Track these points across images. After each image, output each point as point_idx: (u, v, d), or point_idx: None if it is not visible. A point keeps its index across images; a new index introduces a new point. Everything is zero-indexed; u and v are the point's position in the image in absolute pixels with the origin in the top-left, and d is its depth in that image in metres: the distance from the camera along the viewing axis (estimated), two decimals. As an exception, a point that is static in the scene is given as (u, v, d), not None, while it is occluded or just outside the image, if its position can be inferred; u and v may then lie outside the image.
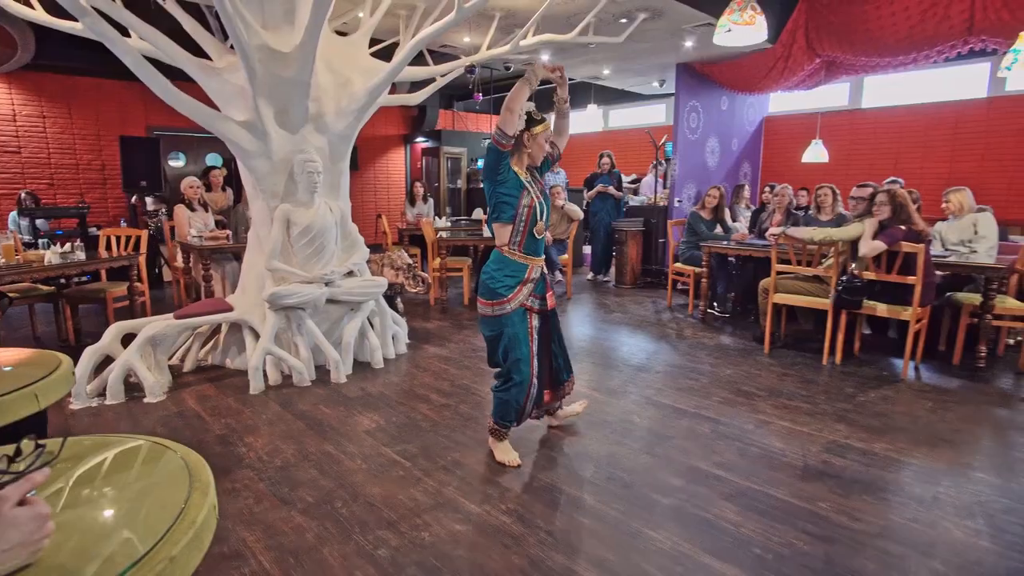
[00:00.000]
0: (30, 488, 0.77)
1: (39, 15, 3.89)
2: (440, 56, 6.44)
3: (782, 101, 9.03)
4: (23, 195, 6.73)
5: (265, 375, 3.79)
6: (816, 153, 7.02)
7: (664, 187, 8.01)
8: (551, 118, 2.77)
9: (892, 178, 6.20)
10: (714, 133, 8.08)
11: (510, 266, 2.59)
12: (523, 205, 2.55)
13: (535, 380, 2.73)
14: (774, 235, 4.48)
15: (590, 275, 8.16)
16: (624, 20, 5.49)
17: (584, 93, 10.18)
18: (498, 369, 2.75)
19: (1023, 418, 3.37)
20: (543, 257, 2.69)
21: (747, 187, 7.84)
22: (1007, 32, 5.04)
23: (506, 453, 2.76)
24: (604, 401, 3.58)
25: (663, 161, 8.31)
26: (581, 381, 3.85)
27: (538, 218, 2.58)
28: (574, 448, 2.94)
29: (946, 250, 4.78)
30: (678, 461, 2.80)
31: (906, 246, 3.82)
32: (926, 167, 7.60)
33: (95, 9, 3.26)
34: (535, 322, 2.69)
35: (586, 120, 11.29)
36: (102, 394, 3.50)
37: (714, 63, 7.25)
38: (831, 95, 8.32)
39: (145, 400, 3.51)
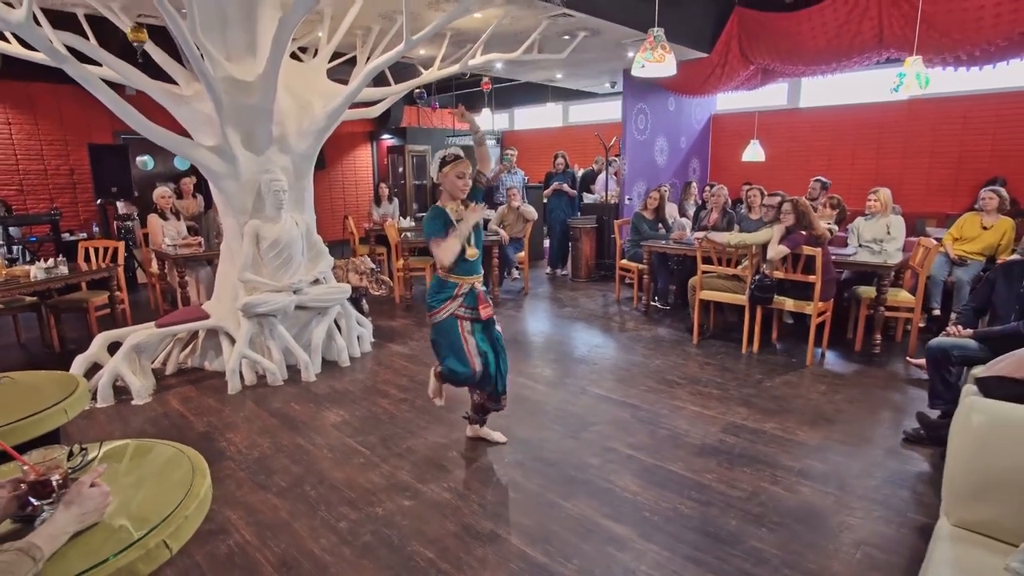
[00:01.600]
0: (96, 476, 1.22)
1: (14, 48, 4.17)
2: (396, 66, 6.78)
3: (729, 100, 9.53)
4: (-5, 203, 6.96)
5: (241, 376, 4.20)
6: (754, 153, 7.57)
7: (616, 185, 8.51)
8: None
9: (817, 177, 6.78)
10: (662, 133, 8.58)
11: (442, 285, 3.03)
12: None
13: (478, 371, 3.07)
14: (698, 239, 5.01)
15: (548, 269, 8.65)
16: (567, 37, 5.92)
17: (543, 91, 10.59)
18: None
19: (899, 397, 3.97)
20: (478, 275, 3.11)
21: (694, 184, 8.38)
22: (910, 47, 5.61)
23: (435, 392, 3.23)
24: (544, 391, 4.08)
25: (615, 159, 8.80)
26: (527, 373, 4.34)
27: (466, 246, 3.00)
28: (511, 434, 3.43)
29: (860, 246, 5.34)
30: (597, 444, 3.31)
31: (807, 249, 4.37)
32: (856, 164, 8.23)
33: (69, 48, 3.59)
34: (467, 326, 3.10)
35: (546, 116, 11.72)
36: (93, 398, 3.88)
37: (659, 69, 7.72)
38: (773, 94, 8.87)
39: (133, 402, 3.91)
